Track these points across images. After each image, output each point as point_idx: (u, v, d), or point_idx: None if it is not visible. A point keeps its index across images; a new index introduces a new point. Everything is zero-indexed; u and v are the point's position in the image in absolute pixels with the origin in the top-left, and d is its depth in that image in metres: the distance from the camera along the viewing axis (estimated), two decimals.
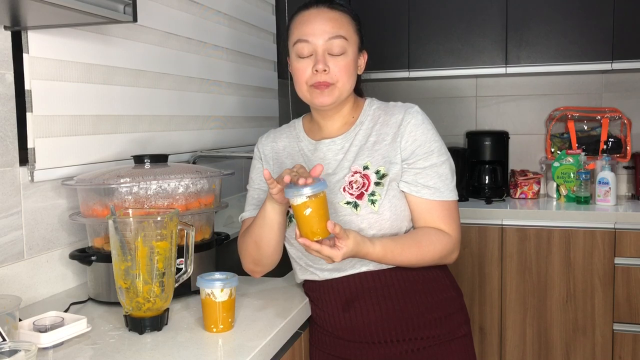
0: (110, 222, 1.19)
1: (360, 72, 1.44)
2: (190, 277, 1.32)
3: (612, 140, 3.08)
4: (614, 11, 2.80)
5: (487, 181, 3.09)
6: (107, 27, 1.65)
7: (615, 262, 2.58)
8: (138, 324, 1.20)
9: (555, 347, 2.67)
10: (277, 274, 1.61)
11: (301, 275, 1.45)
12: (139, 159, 1.51)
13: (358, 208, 1.34)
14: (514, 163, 3.26)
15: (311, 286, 1.44)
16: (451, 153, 1.42)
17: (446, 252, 1.37)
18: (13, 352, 0.89)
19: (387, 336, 1.35)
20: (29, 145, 1.42)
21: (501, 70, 2.98)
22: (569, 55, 2.88)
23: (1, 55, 1.35)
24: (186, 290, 1.42)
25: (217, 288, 1.19)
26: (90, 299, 1.44)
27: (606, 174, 2.78)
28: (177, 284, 1.27)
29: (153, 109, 1.91)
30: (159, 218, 1.19)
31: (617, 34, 2.80)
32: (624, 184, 3.09)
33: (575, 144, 3.11)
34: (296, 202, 1.18)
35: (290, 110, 2.93)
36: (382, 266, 1.36)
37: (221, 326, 1.20)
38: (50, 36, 1.46)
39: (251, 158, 1.57)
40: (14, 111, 1.39)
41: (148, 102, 1.88)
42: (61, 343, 1.12)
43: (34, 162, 1.43)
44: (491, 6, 2.96)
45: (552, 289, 2.66)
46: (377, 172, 1.35)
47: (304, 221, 1.19)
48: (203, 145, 2.21)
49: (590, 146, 3.10)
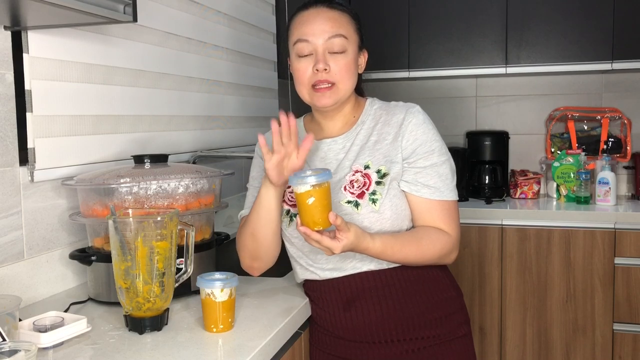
0: (110, 222, 1.19)
1: (360, 71, 1.44)
2: (190, 277, 1.32)
3: (612, 140, 3.08)
4: (614, 11, 2.80)
5: (487, 181, 3.09)
6: (107, 27, 1.65)
7: (615, 262, 2.58)
8: (138, 324, 1.20)
9: (555, 347, 2.67)
10: (277, 274, 1.61)
11: (301, 274, 1.45)
12: (139, 159, 1.51)
13: (359, 207, 1.34)
14: (514, 163, 3.26)
15: (311, 286, 1.44)
16: (451, 153, 1.42)
17: (445, 252, 1.37)
18: (13, 352, 0.89)
19: (388, 336, 1.35)
20: (29, 145, 1.42)
21: (501, 70, 2.98)
22: (569, 55, 2.88)
23: (1, 55, 1.35)
24: (186, 290, 1.42)
25: (217, 288, 1.19)
26: (90, 299, 1.44)
27: (606, 174, 2.78)
28: (177, 284, 1.27)
29: (153, 109, 1.91)
30: (159, 218, 1.19)
31: (617, 34, 2.80)
32: (624, 184, 3.09)
33: (575, 144, 3.11)
34: (300, 190, 1.18)
35: (290, 110, 2.93)
36: (383, 266, 1.36)
37: (221, 326, 1.20)
38: (50, 36, 1.46)
39: (251, 158, 1.57)
40: (14, 111, 1.39)
41: (148, 102, 1.88)
42: (61, 343, 1.12)
43: (34, 162, 1.43)
44: (491, 6, 2.96)
45: (552, 289, 2.66)
46: (378, 172, 1.35)
47: (306, 210, 1.19)
48: (203, 145, 2.21)
49: (590, 146, 3.10)
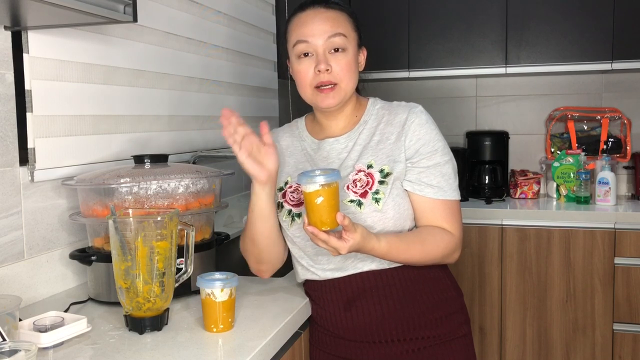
0: (110, 222, 1.19)
1: (361, 69, 1.44)
2: (190, 277, 1.32)
3: (612, 140, 3.08)
4: (614, 11, 2.80)
5: (487, 181, 3.09)
6: (107, 27, 1.65)
7: (615, 262, 2.58)
8: (138, 324, 1.20)
9: (555, 347, 2.67)
10: (277, 274, 1.60)
11: (302, 275, 1.45)
12: (139, 159, 1.51)
13: (362, 206, 1.34)
14: (514, 163, 3.26)
15: (312, 285, 1.43)
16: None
17: (449, 251, 1.37)
18: (13, 352, 0.89)
19: (388, 336, 1.35)
20: (29, 145, 1.42)
21: (501, 70, 2.98)
22: (569, 55, 2.88)
23: (1, 55, 1.35)
24: (186, 290, 1.41)
25: (217, 288, 1.19)
26: (90, 299, 1.44)
27: (606, 174, 2.78)
28: (177, 284, 1.27)
29: (153, 109, 1.91)
30: (159, 218, 1.19)
31: (617, 34, 2.80)
32: (624, 184, 3.09)
33: (575, 144, 3.11)
34: (308, 190, 1.18)
35: (290, 110, 2.93)
36: (384, 265, 1.36)
37: (221, 326, 1.20)
38: (50, 36, 1.46)
39: None
40: (14, 111, 1.39)
41: (148, 102, 1.88)
42: (61, 343, 1.12)
43: (34, 162, 1.43)
44: (491, 6, 2.96)
45: (552, 289, 2.66)
46: (381, 171, 1.35)
47: (314, 210, 1.19)
48: (203, 145, 2.21)
49: (590, 146, 3.10)
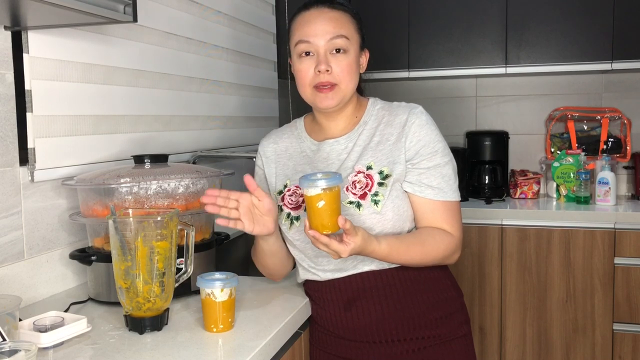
0: (110, 222, 1.19)
1: (362, 71, 1.44)
2: (190, 277, 1.32)
3: (612, 140, 3.08)
4: (614, 11, 2.80)
5: (487, 181, 3.09)
6: (107, 27, 1.65)
7: (615, 262, 2.58)
8: (138, 324, 1.20)
9: (555, 347, 2.67)
10: None
11: (303, 275, 1.45)
12: (139, 159, 1.51)
13: (361, 208, 1.33)
14: (514, 163, 3.26)
15: (312, 285, 1.44)
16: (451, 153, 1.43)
17: (449, 252, 1.37)
18: (13, 352, 0.89)
19: (388, 336, 1.35)
20: (29, 145, 1.42)
21: (501, 70, 2.98)
22: (569, 55, 2.88)
23: (1, 55, 1.35)
24: (186, 290, 1.41)
25: (217, 288, 1.19)
26: (90, 299, 1.44)
27: (606, 174, 2.78)
28: (177, 284, 1.27)
29: (153, 109, 1.91)
30: (159, 218, 1.19)
31: (617, 34, 2.80)
32: (624, 184, 3.09)
33: (575, 144, 3.11)
34: (310, 194, 1.18)
35: (290, 110, 2.93)
36: (384, 266, 1.36)
37: (221, 326, 1.20)
38: (50, 36, 1.46)
39: (251, 158, 1.57)
40: (14, 111, 1.39)
41: (148, 102, 1.88)
42: (61, 343, 1.12)
43: (34, 162, 1.43)
44: (491, 6, 2.96)
45: (552, 289, 2.66)
46: (381, 173, 1.35)
47: (316, 213, 1.19)
48: (203, 145, 2.21)
49: (590, 146, 3.10)
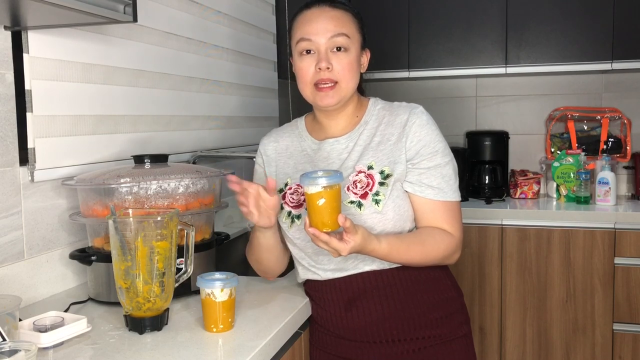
0: (110, 222, 1.19)
1: (363, 71, 1.44)
2: (190, 277, 1.32)
3: (612, 140, 3.08)
4: (614, 11, 2.80)
5: (487, 181, 3.09)
6: (107, 27, 1.65)
7: (615, 262, 2.58)
8: (138, 324, 1.20)
9: (555, 347, 2.67)
10: None
11: (303, 275, 1.45)
12: (139, 159, 1.51)
13: (362, 207, 1.33)
14: (514, 163, 3.26)
15: (313, 285, 1.44)
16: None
17: (449, 252, 1.37)
18: (13, 352, 0.89)
19: (388, 336, 1.35)
20: (29, 145, 1.42)
21: (501, 70, 2.98)
22: (569, 55, 2.88)
23: (1, 55, 1.35)
24: (186, 290, 1.42)
25: (217, 288, 1.19)
26: (90, 299, 1.44)
27: (606, 174, 2.78)
28: (177, 284, 1.27)
29: (153, 109, 1.91)
30: (159, 218, 1.19)
31: (617, 34, 2.80)
32: (624, 184, 3.09)
33: (575, 144, 3.11)
34: (311, 191, 1.19)
35: (290, 110, 2.93)
36: (384, 266, 1.36)
37: (221, 326, 1.20)
38: (50, 36, 1.46)
39: (251, 158, 1.57)
40: (14, 111, 1.39)
41: (148, 102, 1.88)
42: (61, 343, 1.12)
43: (34, 162, 1.43)
44: (491, 6, 2.96)
45: (552, 289, 2.66)
46: (382, 172, 1.35)
47: (316, 211, 1.19)
48: (203, 145, 2.21)
49: (590, 146, 3.10)
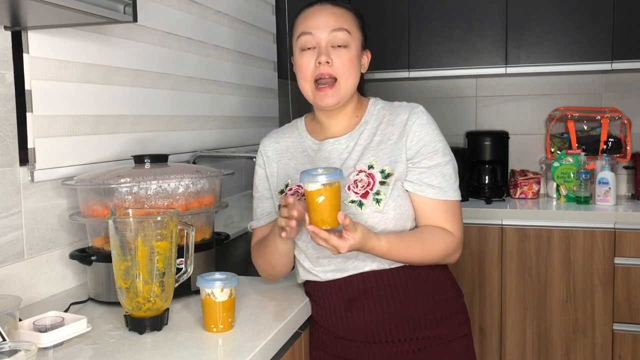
0: (110, 222, 1.19)
1: (364, 71, 1.44)
2: (190, 277, 1.32)
3: (612, 140, 3.08)
4: (614, 11, 2.80)
5: (487, 181, 3.09)
6: (107, 27, 1.65)
7: (615, 262, 2.58)
8: (138, 324, 1.20)
9: (555, 347, 2.67)
10: None
11: (303, 276, 1.45)
12: (139, 159, 1.51)
13: (363, 207, 1.34)
14: (514, 163, 3.26)
15: (313, 285, 1.43)
16: None
17: (449, 251, 1.37)
18: (13, 352, 0.89)
19: (388, 336, 1.35)
20: (29, 145, 1.42)
21: (501, 70, 2.98)
22: (569, 55, 2.88)
23: (1, 55, 1.35)
24: (186, 290, 1.42)
25: (217, 288, 1.19)
26: (90, 299, 1.44)
27: (606, 174, 2.78)
28: (177, 284, 1.27)
29: (153, 109, 1.91)
30: (159, 218, 1.19)
31: (617, 34, 2.80)
32: (624, 184, 3.09)
33: (575, 144, 3.11)
34: (310, 189, 1.19)
35: (290, 110, 2.93)
36: (384, 266, 1.36)
37: (221, 326, 1.20)
38: (50, 36, 1.46)
39: (251, 158, 1.57)
40: (14, 111, 1.39)
41: (148, 102, 1.88)
42: (61, 343, 1.12)
43: (34, 162, 1.43)
44: (491, 6, 2.96)
45: (552, 289, 2.66)
46: (382, 172, 1.35)
47: (316, 209, 1.19)
48: (203, 145, 2.21)
49: (590, 146, 3.10)
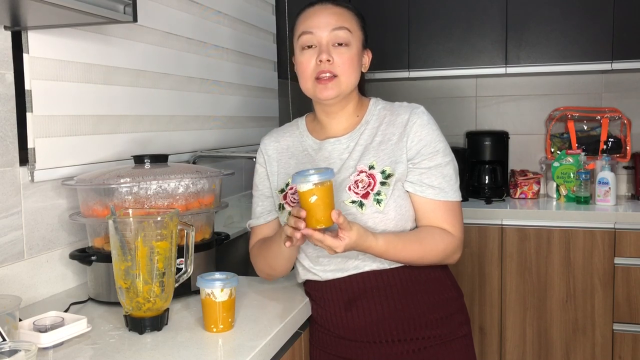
0: (110, 222, 1.19)
1: (364, 70, 1.44)
2: (190, 277, 1.32)
3: (612, 140, 3.08)
4: (614, 11, 2.80)
5: (487, 181, 3.09)
6: (107, 27, 1.65)
7: (615, 262, 2.58)
8: (138, 324, 1.20)
9: (555, 347, 2.67)
10: None
11: (303, 275, 1.45)
12: (139, 159, 1.51)
13: (363, 207, 1.34)
14: (514, 163, 3.26)
15: (313, 285, 1.44)
16: None
17: (449, 252, 1.37)
18: (13, 352, 0.89)
19: (388, 336, 1.35)
20: (29, 145, 1.42)
21: (501, 70, 2.98)
22: (569, 55, 2.88)
23: (1, 55, 1.35)
24: (186, 290, 1.42)
25: (217, 288, 1.19)
26: (90, 299, 1.44)
27: (606, 174, 2.78)
28: (177, 284, 1.27)
29: (153, 109, 1.91)
30: (159, 218, 1.19)
31: (617, 34, 2.80)
32: (624, 184, 3.09)
33: (575, 144, 3.11)
34: (302, 189, 1.18)
35: (290, 110, 2.93)
36: (385, 266, 1.36)
37: (221, 326, 1.20)
38: (50, 36, 1.46)
39: (251, 158, 1.57)
40: (14, 111, 1.39)
41: (148, 102, 1.88)
42: (61, 343, 1.12)
43: (34, 162, 1.43)
44: (491, 6, 2.96)
45: (552, 289, 2.66)
46: (383, 172, 1.35)
47: (309, 209, 1.19)
48: (203, 145, 2.21)
49: (590, 146, 3.10)
